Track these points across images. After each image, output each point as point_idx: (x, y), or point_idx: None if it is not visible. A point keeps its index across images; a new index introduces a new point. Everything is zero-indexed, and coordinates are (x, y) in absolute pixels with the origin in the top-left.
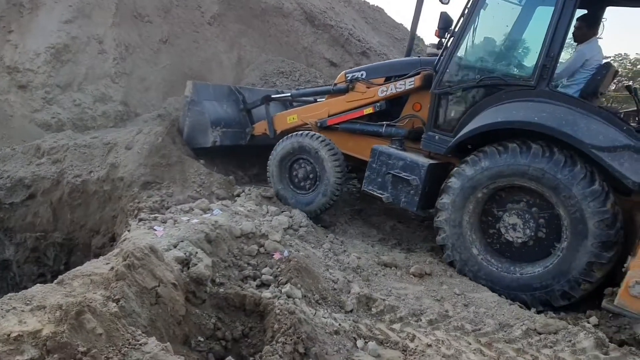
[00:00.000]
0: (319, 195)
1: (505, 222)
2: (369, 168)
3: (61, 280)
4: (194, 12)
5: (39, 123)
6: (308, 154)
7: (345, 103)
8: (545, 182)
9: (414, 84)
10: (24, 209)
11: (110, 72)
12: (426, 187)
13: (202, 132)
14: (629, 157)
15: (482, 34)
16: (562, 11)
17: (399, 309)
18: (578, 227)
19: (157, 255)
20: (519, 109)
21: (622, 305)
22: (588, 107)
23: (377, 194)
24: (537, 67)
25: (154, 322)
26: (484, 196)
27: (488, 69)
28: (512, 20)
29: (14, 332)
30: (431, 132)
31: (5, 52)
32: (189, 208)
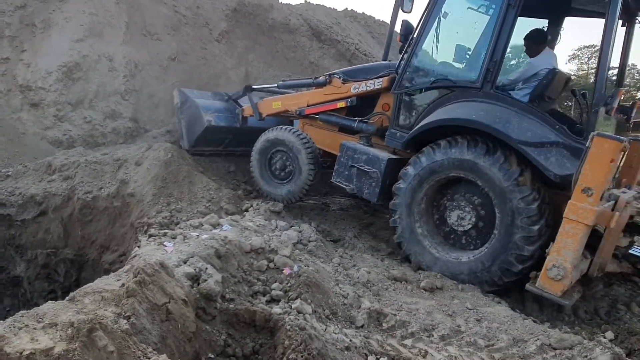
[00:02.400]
0: (293, 185)
1: (451, 212)
2: (337, 162)
3: (72, 297)
4: (202, 30)
5: (51, 140)
6: (285, 146)
7: (323, 95)
8: (480, 175)
9: (382, 84)
10: (35, 225)
11: (120, 89)
12: (386, 180)
13: (197, 120)
14: (557, 153)
15: (438, 40)
16: (503, 21)
17: (410, 324)
18: (506, 219)
19: (167, 272)
20: (462, 108)
21: (542, 287)
22: (524, 108)
23: (344, 185)
24: (482, 71)
25: (165, 339)
26: (434, 185)
27: (440, 72)
28: (462, 28)
29: (27, 350)
30: (393, 129)
31: (18, 71)
32: (199, 223)
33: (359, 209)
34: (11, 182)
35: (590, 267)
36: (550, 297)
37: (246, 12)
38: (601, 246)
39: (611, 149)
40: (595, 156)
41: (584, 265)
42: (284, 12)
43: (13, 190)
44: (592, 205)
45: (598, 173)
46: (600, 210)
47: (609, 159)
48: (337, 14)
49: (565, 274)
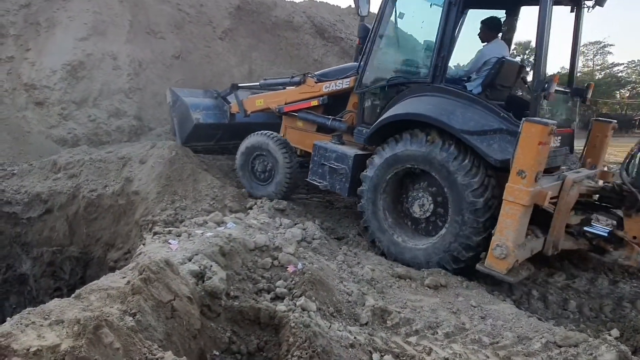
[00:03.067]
0: (272, 186)
1: (412, 201)
2: (311, 161)
3: (78, 294)
4: (205, 28)
5: (56, 139)
6: (265, 151)
7: (298, 94)
8: (431, 165)
9: (348, 84)
10: (40, 223)
11: (124, 88)
12: (355, 175)
13: (187, 118)
14: (500, 139)
15: (390, 40)
16: (447, 18)
17: (414, 322)
18: (456, 203)
19: (172, 269)
20: (413, 103)
21: (489, 265)
22: (471, 99)
23: (317, 182)
24: (431, 67)
25: (170, 336)
26: (395, 175)
27: (395, 71)
28: (413, 28)
29: (33, 346)
30: (360, 126)
31: (23, 69)
32: (203, 221)
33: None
34: (17, 180)
35: (545, 246)
36: (497, 275)
37: (250, 10)
38: (552, 225)
39: (538, 132)
40: (525, 140)
41: (536, 244)
42: (287, 10)
43: (19, 189)
44: (527, 186)
45: (529, 156)
46: (535, 191)
47: (537, 142)
48: (341, 11)
49: (508, 253)
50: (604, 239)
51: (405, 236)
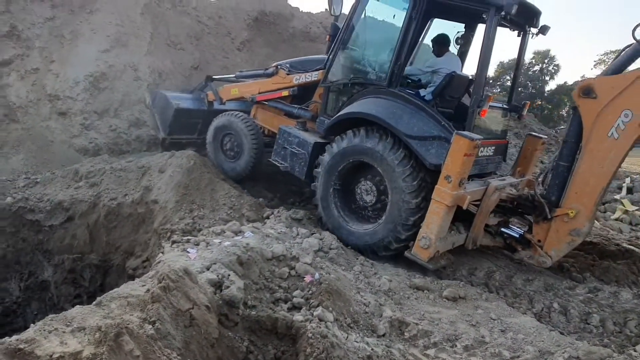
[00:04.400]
0: (241, 163)
1: (359, 190)
2: (276, 143)
3: (99, 301)
4: (224, 39)
5: (78, 148)
6: (233, 129)
7: (271, 84)
8: (375, 159)
9: (317, 77)
10: (62, 231)
11: (144, 98)
12: (313, 160)
13: (167, 108)
14: (439, 145)
15: (356, 43)
16: (406, 30)
17: (432, 334)
18: (395, 196)
19: (191, 278)
20: (368, 104)
21: (415, 254)
22: (419, 106)
23: (279, 163)
24: (389, 72)
25: (188, 344)
26: (343, 168)
27: (358, 70)
28: (377, 33)
29: (56, 353)
30: (322, 117)
31: (47, 80)
32: (221, 230)
33: None
34: (40, 188)
35: (466, 241)
36: (420, 262)
37: (267, 21)
38: (473, 223)
39: (465, 145)
40: (454, 150)
41: (458, 238)
42: (304, 21)
43: (42, 197)
44: (451, 190)
45: (455, 164)
46: (458, 194)
47: (463, 154)
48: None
49: (430, 244)
50: (516, 239)
51: (351, 220)
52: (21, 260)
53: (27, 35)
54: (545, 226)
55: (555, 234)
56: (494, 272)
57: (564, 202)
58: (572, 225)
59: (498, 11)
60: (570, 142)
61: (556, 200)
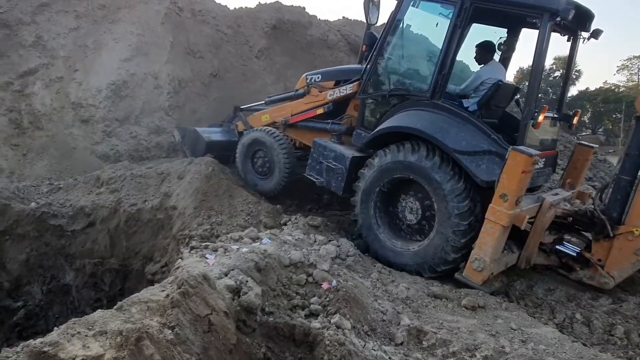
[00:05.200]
0: (273, 180)
1: (401, 207)
2: (310, 157)
3: (120, 306)
4: (242, 47)
5: (99, 154)
6: (264, 145)
7: (303, 105)
8: (422, 176)
9: (352, 89)
10: (83, 236)
11: (164, 106)
12: (351, 175)
13: (198, 142)
14: (489, 160)
15: (396, 52)
16: (450, 39)
17: (451, 343)
18: (443, 216)
19: (209, 284)
20: (411, 117)
21: (467, 276)
22: (465, 118)
23: (314, 178)
24: (432, 83)
25: (207, 350)
26: (385, 184)
27: (398, 82)
28: (418, 43)
29: (79, 356)
30: (359, 130)
31: (71, 89)
32: (239, 237)
33: None
34: (63, 194)
35: (519, 260)
36: (473, 285)
37: (285, 29)
38: (527, 242)
39: (523, 161)
40: (510, 167)
41: (511, 258)
42: (322, 29)
43: (64, 202)
44: (507, 209)
45: (512, 182)
46: (514, 214)
47: (521, 171)
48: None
49: (485, 266)
50: (573, 258)
51: (396, 240)
52: (44, 264)
53: (52, 45)
54: (607, 245)
55: (618, 253)
56: (514, 281)
57: (627, 219)
58: (637, 244)
59: (553, 17)
60: (633, 154)
61: (618, 216)
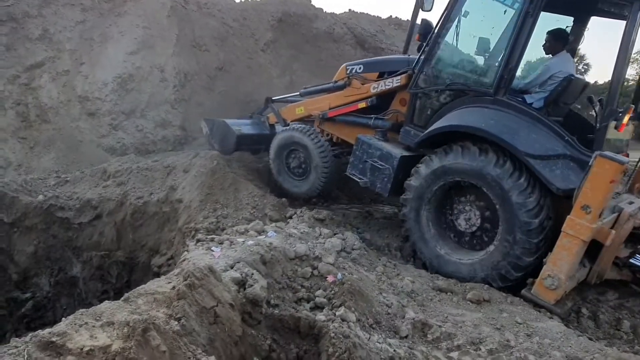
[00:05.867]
0: (309, 182)
1: (458, 213)
2: (353, 154)
3: (127, 297)
4: (248, 40)
5: (106, 148)
6: (299, 145)
7: (344, 97)
8: (487, 183)
9: (400, 82)
10: (90, 228)
11: (170, 99)
12: (398, 175)
13: (227, 135)
14: (563, 165)
15: (455, 43)
16: (520, 29)
17: (456, 337)
18: (508, 216)
19: (215, 276)
20: (473, 115)
21: (537, 294)
22: (535, 117)
23: (357, 178)
24: (497, 78)
25: (213, 341)
26: (443, 187)
27: (456, 75)
28: (480, 32)
29: (87, 346)
30: (407, 126)
31: (77, 82)
32: (244, 230)
33: None
34: (70, 187)
35: (589, 275)
36: (544, 304)
37: (291, 22)
38: (601, 256)
39: (612, 170)
40: (596, 176)
41: (582, 273)
42: (328, 22)
43: (71, 195)
44: (590, 222)
45: (597, 192)
46: (597, 227)
47: (609, 180)
48: (382, 22)
49: (559, 284)
50: None
51: (448, 249)
52: (51, 256)
53: (58, 38)
54: None
55: None
56: None
57: None
58: None
59: None
60: None
61: None
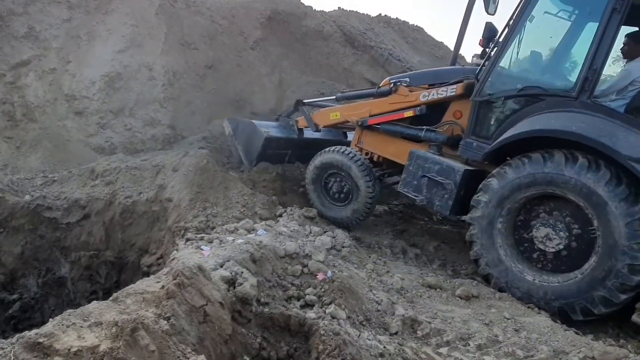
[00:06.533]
0: (352, 210)
1: (538, 230)
2: (405, 170)
3: (115, 297)
4: (237, 38)
5: (94, 147)
6: (341, 169)
7: (388, 105)
8: (581, 193)
9: (455, 91)
10: (79, 228)
11: (159, 98)
12: (460, 192)
13: (254, 137)
14: None
15: (526, 45)
16: (606, 27)
17: (445, 333)
18: (610, 244)
19: (205, 275)
20: (558, 119)
21: None
22: (628, 121)
23: (412, 195)
24: (580, 80)
25: (202, 340)
26: (520, 202)
27: (530, 79)
28: (557, 33)
29: (74, 347)
30: (469, 138)
31: (64, 81)
32: (234, 228)
33: (393, 215)
34: (57, 186)
35: None
36: None
37: (280, 20)
38: None
39: None
40: None
41: None
42: (317, 19)
43: (59, 195)
44: None
45: None
46: None
47: None
48: (371, 19)
49: None
50: None
51: (530, 270)
52: (39, 257)
53: (44, 36)
54: None
55: None
56: None
57: None
58: None
59: None
60: None
61: None
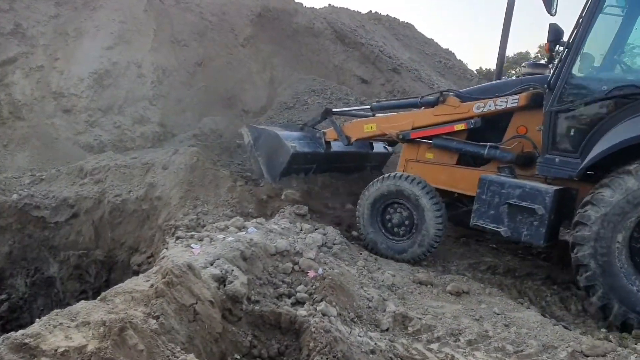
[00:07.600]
0: (414, 244)
1: None
2: (478, 200)
3: (104, 297)
4: (227, 35)
5: (82, 145)
6: (406, 199)
7: (433, 116)
8: None
9: (517, 102)
10: (67, 227)
11: (148, 95)
12: (551, 216)
13: (279, 150)
14: None
15: (606, 41)
16: None
17: (436, 329)
18: None
19: (194, 273)
20: None
21: None
22: None
23: (492, 227)
24: None
25: (192, 339)
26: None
27: (618, 78)
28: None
29: (61, 347)
30: (549, 154)
31: (52, 78)
32: (224, 226)
33: None
34: (45, 185)
35: None
36: None
37: (271, 17)
38: None
39: None
40: None
41: None
42: (308, 16)
43: (47, 194)
44: None
45: None
46: None
47: None
48: (362, 17)
49: None
50: None
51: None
52: (27, 256)
53: (31, 33)
54: None
55: None
56: (498, 266)
57: None
58: None
59: None
60: None
61: None
